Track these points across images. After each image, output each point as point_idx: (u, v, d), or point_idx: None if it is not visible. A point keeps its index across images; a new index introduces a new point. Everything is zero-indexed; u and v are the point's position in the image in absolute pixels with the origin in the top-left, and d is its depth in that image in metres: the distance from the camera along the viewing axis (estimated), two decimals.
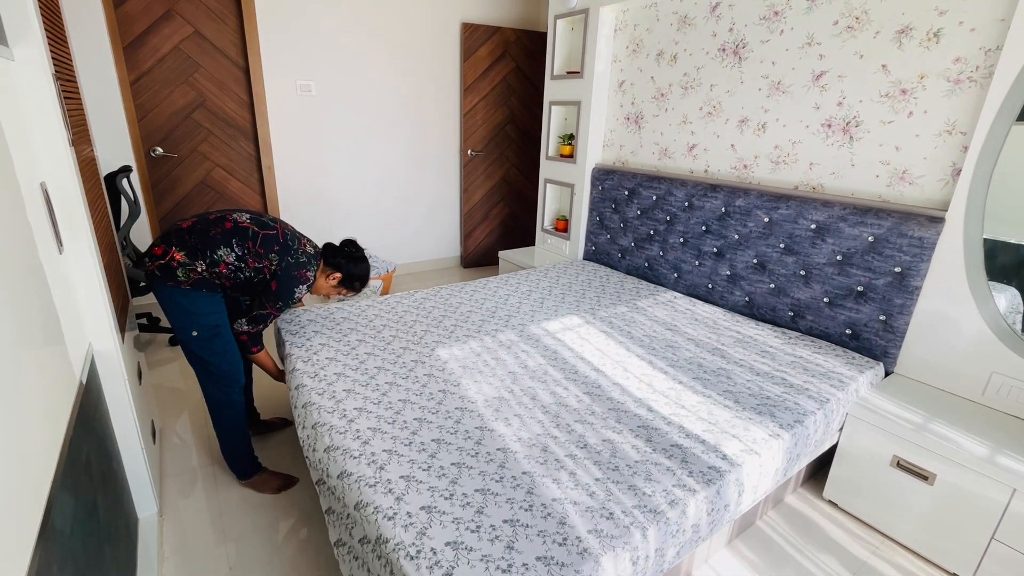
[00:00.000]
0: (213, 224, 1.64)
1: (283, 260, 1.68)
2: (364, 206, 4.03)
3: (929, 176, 1.87)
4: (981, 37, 1.68)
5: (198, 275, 1.60)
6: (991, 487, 1.47)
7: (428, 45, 3.93)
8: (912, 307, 1.89)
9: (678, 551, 1.25)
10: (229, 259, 1.62)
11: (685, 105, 2.68)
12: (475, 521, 1.13)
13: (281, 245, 1.68)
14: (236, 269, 1.65)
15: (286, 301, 1.73)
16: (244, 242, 1.64)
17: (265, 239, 1.66)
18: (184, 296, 1.62)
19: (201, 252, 1.60)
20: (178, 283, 1.59)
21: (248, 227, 1.65)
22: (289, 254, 1.69)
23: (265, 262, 1.66)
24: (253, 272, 1.67)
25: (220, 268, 1.62)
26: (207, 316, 1.67)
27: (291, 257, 1.69)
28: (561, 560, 1.04)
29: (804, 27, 2.13)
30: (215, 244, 1.61)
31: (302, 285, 1.73)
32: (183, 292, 1.61)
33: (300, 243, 1.75)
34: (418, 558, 1.03)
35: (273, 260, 1.67)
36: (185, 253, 1.59)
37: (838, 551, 1.69)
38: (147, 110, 3.13)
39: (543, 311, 2.38)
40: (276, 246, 1.67)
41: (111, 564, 1.20)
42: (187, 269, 1.59)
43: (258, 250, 1.65)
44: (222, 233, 1.63)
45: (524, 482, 1.26)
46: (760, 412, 1.61)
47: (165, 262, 1.58)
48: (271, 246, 1.67)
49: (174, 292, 1.61)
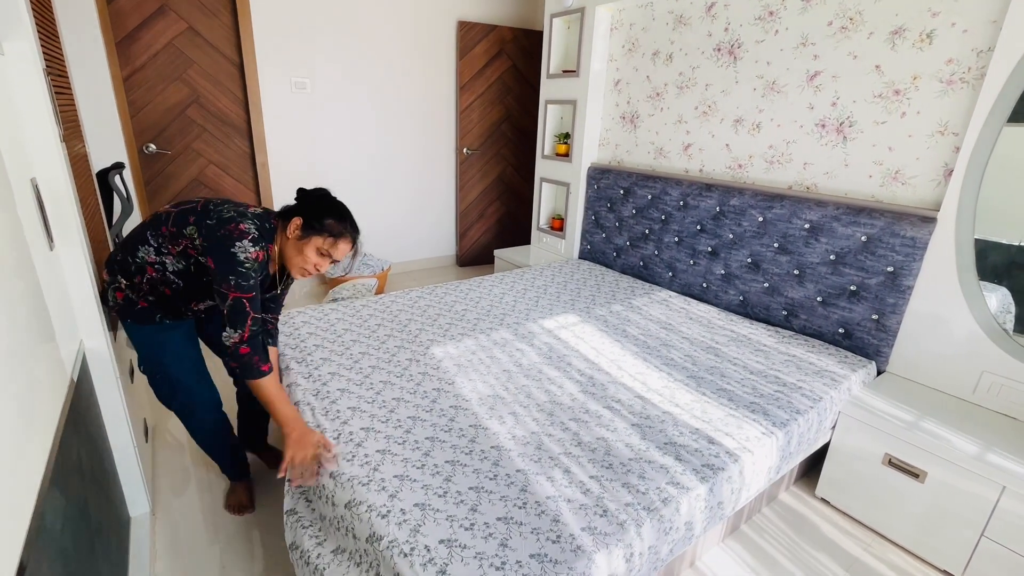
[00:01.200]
0: (136, 227, 1.42)
1: (202, 226, 1.31)
2: (359, 204, 4.02)
3: (921, 176, 1.88)
4: (973, 39, 1.69)
5: (122, 298, 1.40)
6: (981, 485, 1.49)
7: (424, 43, 3.92)
8: (904, 306, 1.90)
9: (671, 548, 1.26)
10: (150, 257, 1.36)
11: (680, 105, 2.68)
12: (469, 519, 1.13)
13: (198, 213, 1.35)
14: (162, 268, 1.37)
15: (236, 271, 1.27)
16: (157, 229, 1.36)
17: (179, 215, 1.36)
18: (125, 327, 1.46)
19: (121, 264, 1.38)
20: (111, 309, 1.43)
21: (164, 212, 1.38)
22: (208, 216, 1.33)
23: (183, 241, 1.33)
24: (180, 263, 1.36)
25: (148, 274, 1.37)
26: (146, 351, 1.49)
27: (210, 218, 1.32)
28: (555, 557, 1.04)
29: (799, 27, 2.14)
30: (132, 246, 1.37)
31: (241, 241, 1.28)
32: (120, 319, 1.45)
33: (231, 205, 1.38)
34: (411, 555, 1.03)
35: (191, 233, 1.33)
36: (108, 270, 1.40)
37: (831, 548, 1.70)
38: (140, 106, 3.10)
39: (538, 310, 2.38)
40: (191, 216, 1.34)
41: (102, 562, 1.19)
42: (112, 290, 1.40)
43: (171, 229, 1.34)
44: (139, 229, 1.39)
45: (518, 480, 1.26)
46: (754, 410, 1.62)
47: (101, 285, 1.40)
48: (185, 219, 1.34)
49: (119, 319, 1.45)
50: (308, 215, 1.38)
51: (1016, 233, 1.72)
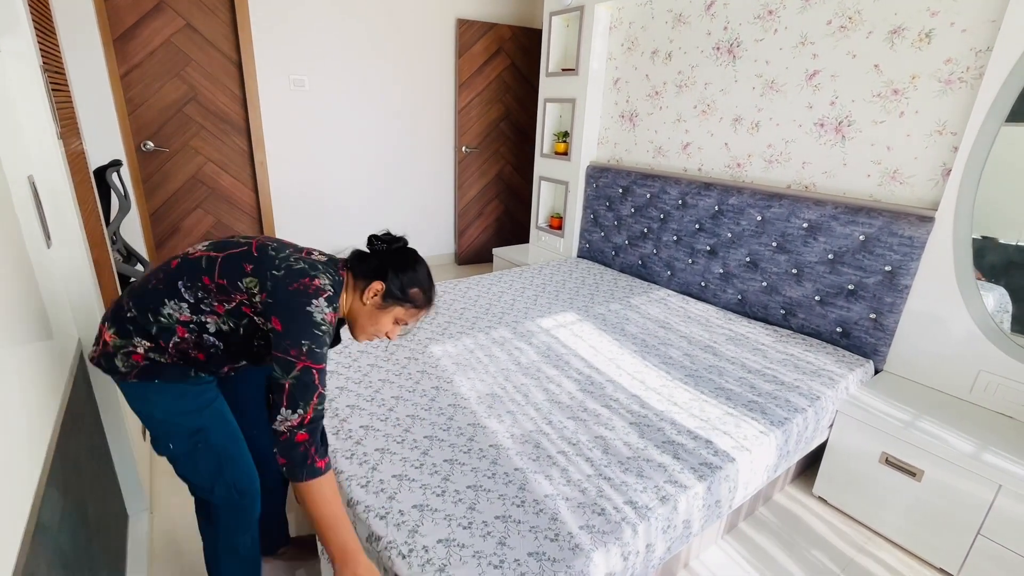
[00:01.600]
0: (156, 272, 1.09)
1: (265, 277, 1.04)
2: (358, 202, 4.02)
3: (919, 176, 1.88)
4: (972, 38, 1.70)
5: (142, 360, 1.06)
6: (977, 484, 1.49)
7: (423, 41, 3.91)
8: (902, 306, 1.90)
9: (669, 547, 1.26)
10: (183, 315, 1.05)
11: (679, 103, 2.68)
12: (467, 518, 1.13)
13: (256, 259, 1.06)
14: (199, 329, 1.06)
15: (311, 334, 1.01)
16: (197, 280, 1.04)
17: (228, 261, 1.05)
18: (136, 394, 1.10)
19: (138, 323, 1.05)
20: (122, 376, 1.08)
21: (201, 256, 1.07)
22: (272, 265, 1.05)
23: (238, 295, 1.04)
24: (227, 324, 1.07)
25: (177, 336, 1.05)
26: (180, 418, 1.12)
27: (276, 269, 1.05)
28: (553, 556, 1.05)
29: (798, 26, 2.14)
30: (156, 301, 1.05)
31: (317, 299, 1.03)
32: (132, 388, 1.10)
33: (291, 249, 1.12)
34: (410, 556, 1.03)
35: (250, 285, 1.04)
36: (116, 329, 1.06)
37: (827, 547, 1.71)
38: (137, 104, 3.09)
39: (537, 308, 2.38)
40: (247, 264, 1.05)
41: (100, 561, 1.19)
42: (125, 354, 1.06)
43: (219, 281, 1.04)
44: (165, 279, 1.06)
45: (516, 478, 1.26)
46: (751, 409, 1.62)
47: (100, 347, 1.09)
48: (238, 267, 1.05)
49: (125, 388, 1.11)
50: (391, 281, 1.14)
51: (1014, 232, 1.73)
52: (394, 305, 1.16)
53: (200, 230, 3.49)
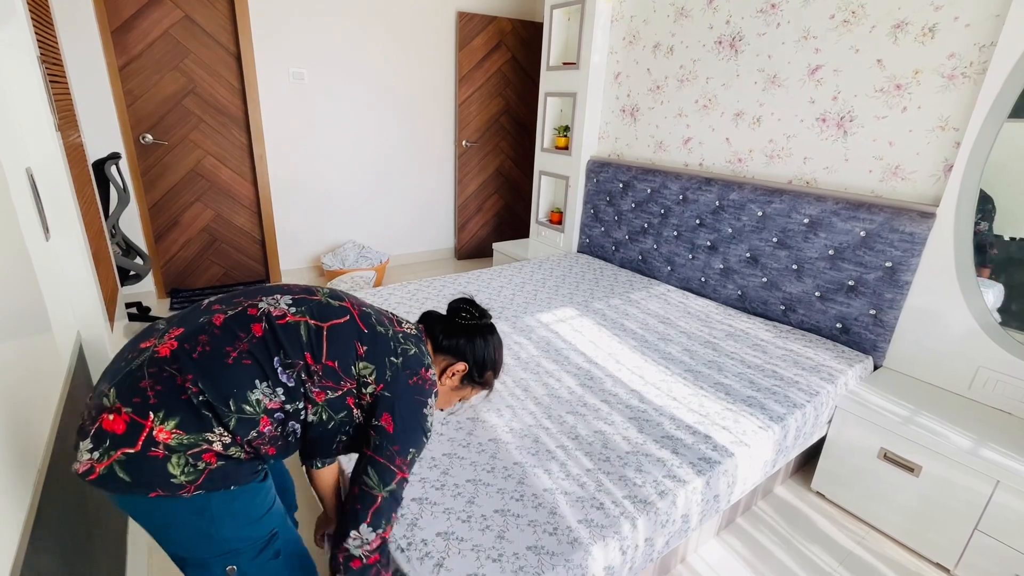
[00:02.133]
0: (225, 332, 0.82)
1: (384, 365, 0.89)
2: (357, 196, 4.00)
3: (921, 172, 1.88)
4: (976, 33, 1.68)
5: (216, 460, 0.79)
6: (975, 479, 1.50)
7: (423, 34, 3.88)
8: (902, 302, 1.90)
9: (667, 541, 1.26)
10: (274, 402, 0.82)
11: (681, 98, 2.67)
12: (466, 511, 1.14)
13: (368, 337, 0.90)
14: (285, 420, 0.85)
15: (420, 441, 0.91)
16: (298, 356, 0.84)
17: (336, 337, 0.87)
18: (189, 513, 0.81)
19: (215, 410, 0.78)
20: (174, 491, 0.77)
21: (296, 322, 0.85)
22: (389, 348, 0.91)
23: (347, 382, 0.87)
24: (324, 414, 0.88)
25: (257, 430, 0.82)
26: (249, 529, 0.87)
27: (395, 355, 0.91)
28: (551, 549, 1.05)
29: (801, 20, 2.12)
30: (243, 383, 0.80)
31: (432, 398, 0.94)
32: (183, 505, 0.80)
33: (388, 321, 0.97)
34: (409, 550, 1.03)
35: (364, 372, 0.88)
36: (179, 421, 0.76)
37: (825, 541, 1.72)
38: (136, 96, 3.08)
39: (537, 303, 2.38)
40: (360, 343, 0.89)
41: (100, 553, 1.20)
42: (189, 456, 0.77)
43: (328, 363, 0.85)
44: (252, 351, 0.82)
45: (515, 472, 1.26)
46: (751, 404, 1.62)
47: (135, 450, 0.74)
48: (350, 346, 0.88)
49: (165, 507, 0.80)
50: (473, 362, 1.02)
51: (1014, 228, 1.72)
52: (468, 387, 1.06)
53: (200, 223, 3.48)
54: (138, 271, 2.68)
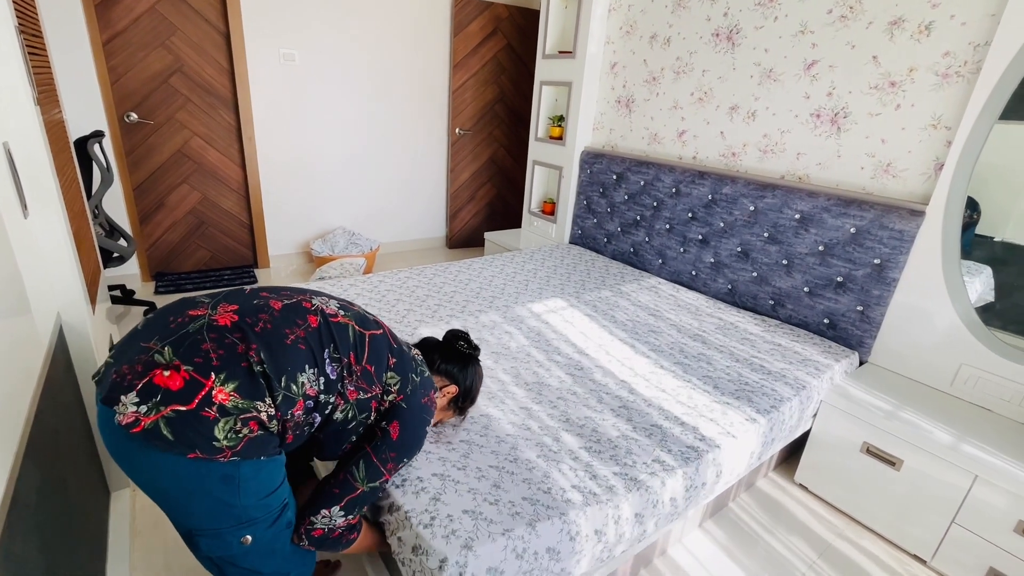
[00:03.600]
0: (286, 316, 0.90)
1: (407, 380, 1.01)
2: (348, 182, 3.95)
3: (912, 170, 1.89)
4: (971, 32, 1.69)
5: (258, 429, 0.83)
6: (954, 473, 1.53)
7: (418, 18, 3.82)
8: (889, 298, 1.92)
9: (656, 522, 1.27)
10: (312, 389, 0.89)
11: (676, 90, 2.65)
12: (462, 462, 1.19)
13: (397, 353, 1.03)
14: (313, 409, 0.91)
15: (413, 452, 1.04)
16: (344, 354, 0.93)
17: (375, 345, 0.98)
18: (220, 478, 0.82)
19: (271, 380, 0.84)
20: (212, 454, 0.80)
21: (345, 324, 0.96)
22: (412, 367, 1.04)
23: (376, 387, 0.98)
24: (349, 412, 0.96)
25: (291, 412, 0.87)
26: (269, 498, 0.90)
27: (416, 373, 1.04)
28: (547, 504, 1.10)
29: (798, 14, 2.11)
30: (297, 364, 0.87)
31: (431, 417, 1.08)
32: (217, 469, 0.82)
33: (410, 347, 1.12)
34: (404, 486, 1.08)
35: (391, 382, 1.00)
36: (238, 385, 0.81)
37: (806, 533, 1.75)
38: (120, 73, 2.99)
39: (528, 293, 2.37)
40: (391, 356, 1.01)
41: (80, 538, 1.18)
42: (239, 421, 0.81)
43: (366, 366, 0.95)
44: (309, 339, 0.90)
45: (508, 442, 1.30)
46: (738, 397, 1.64)
47: (189, 407, 0.77)
48: (384, 356, 0.99)
49: (197, 470, 0.81)
50: (462, 387, 1.19)
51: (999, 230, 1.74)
52: (452, 409, 1.23)
53: (186, 206, 3.42)
54: (122, 253, 2.63)
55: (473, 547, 0.97)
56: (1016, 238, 1.71)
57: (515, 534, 1.02)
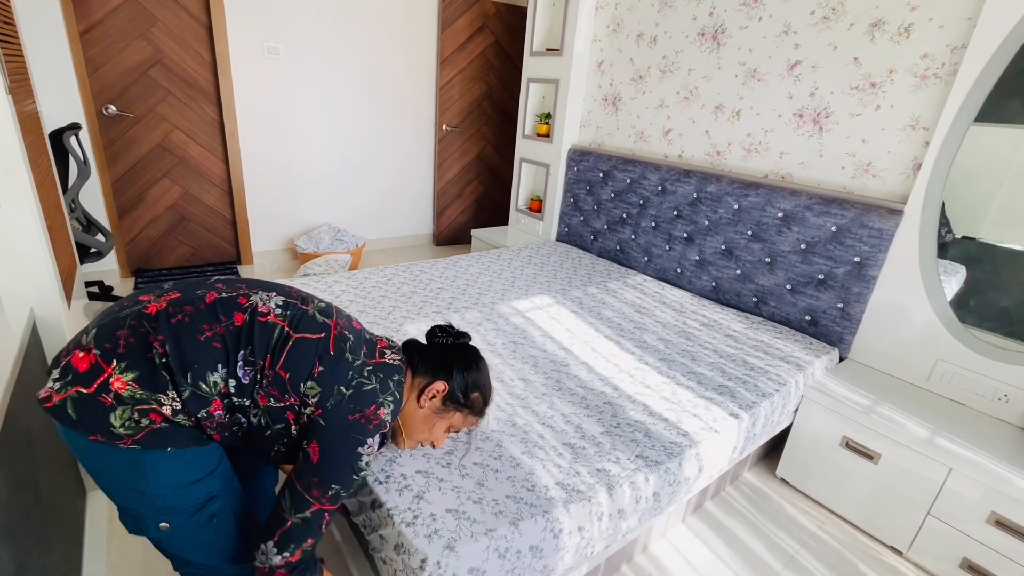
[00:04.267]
0: (210, 310, 0.85)
1: (330, 392, 0.89)
2: (333, 178, 3.91)
3: (891, 170, 1.92)
4: (948, 35, 1.72)
5: (161, 422, 0.82)
6: (930, 466, 1.56)
7: (405, 12, 3.79)
8: (868, 296, 1.96)
9: (639, 518, 1.28)
10: (224, 387, 0.85)
11: (663, 89, 2.67)
12: (446, 459, 1.18)
13: (330, 361, 0.90)
14: (232, 410, 0.87)
15: (345, 479, 0.89)
16: (261, 356, 0.86)
17: (298, 350, 0.88)
18: (123, 463, 0.83)
19: (174, 376, 0.81)
20: (109, 438, 0.79)
21: (273, 324, 0.88)
22: (343, 378, 0.90)
23: (291, 398, 0.88)
24: (264, 419, 0.89)
25: (206, 411, 0.84)
26: (184, 490, 0.87)
27: (347, 385, 0.90)
28: (530, 502, 1.10)
29: (782, 15, 2.14)
30: (206, 362, 0.83)
31: (372, 437, 0.91)
32: (118, 455, 0.81)
33: (366, 350, 0.97)
34: (387, 483, 1.08)
35: (309, 392, 0.88)
36: (138, 375, 0.79)
37: (788, 525, 1.77)
38: (98, 64, 2.92)
39: (514, 290, 2.37)
40: (318, 363, 0.89)
41: (55, 539, 1.15)
42: (135, 411, 0.79)
43: (280, 372, 0.86)
44: (225, 336, 0.85)
45: (493, 438, 1.30)
46: (721, 393, 1.65)
47: (88, 391, 0.77)
48: (307, 362, 0.88)
49: (102, 453, 0.82)
50: (454, 381, 1.04)
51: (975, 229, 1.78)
52: (452, 410, 1.06)
53: (167, 201, 3.35)
54: (99, 248, 2.57)
55: (455, 547, 0.97)
56: (990, 238, 1.75)
57: (498, 533, 1.02)
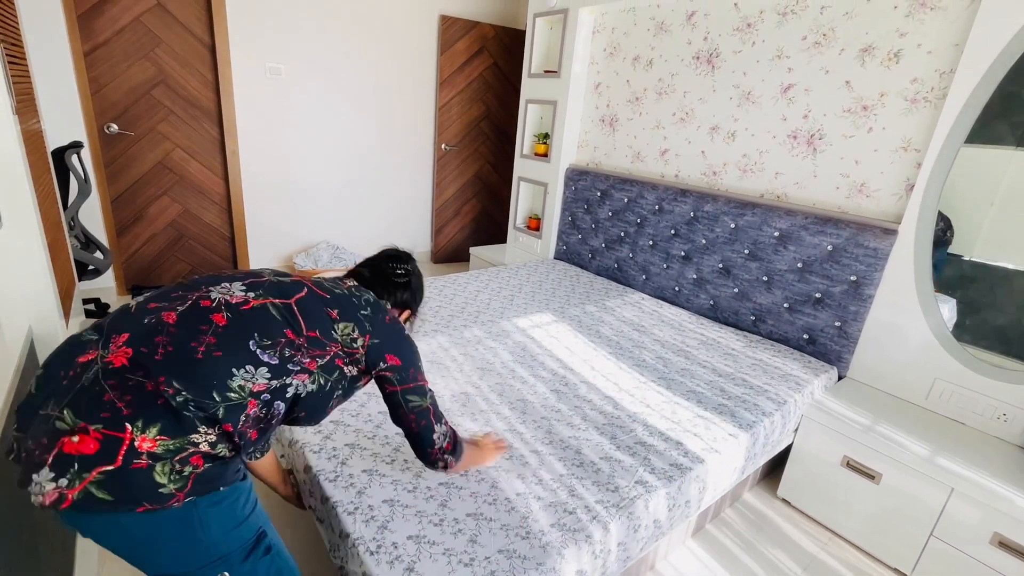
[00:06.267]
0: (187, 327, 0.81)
1: (360, 320, 0.96)
2: (333, 197, 3.93)
3: (885, 190, 1.96)
4: (937, 60, 1.77)
5: (203, 462, 0.77)
6: (931, 487, 1.55)
7: (405, 35, 3.86)
8: (865, 314, 1.97)
9: (641, 546, 1.27)
10: (258, 384, 0.82)
11: (659, 110, 2.72)
12: (438, 515, 1.12)
13: (334, 302, 0.96)
14: (270, 400, 0.85)
15: (418, 356, 1.07)
16: (277, 335, 0.86)
17: (307, 310, 0.91)
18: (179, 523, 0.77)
19: (200, 406, 0.76)
20: (162, 502, 0.73)
21: (260, 305, 0.88)
22: (355, 305, 0.98)
23: (333, 346, 0.92)
24: (316, 382, 0.91)
25: (245, 414, 0.81)
26: (239, 530, 0.84)
27: (362, 308, 0.99)
28: (523, 553, 1.04)
29: (775, 40, 2.19)
30: (222, 373, 0.80)
31: (403, 327, 1.07)
32: (172, 515, 0.76)
33: (342, 283, 1.04)
34: (378, 553, 1.01)
35: (346, 332, 0.94)
36: (162, 426, 0.73)
37: (790, 547, 1.75)
38: (102, 84, 2.96)
39: (513, 308, 2.37)
40: (330, 309, 0.94)
41: (46, 565, 1.13)
42: (176, 463, 0.74)
43: (310, 334, 0.89)
44: (223, 342, 0.81)
45: (488, 476, 1.25)
46: (721, 412, 1.65)
47: (116, 466, 0.70)
48: (322, 314, 0.93)
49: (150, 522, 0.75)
50: (415, 307, 1.17)
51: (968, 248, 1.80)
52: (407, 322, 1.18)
53: (166, 218, 3.36)
54: (97, 265, 2.57)
55: None
56: (984, 257, 1.78)
57: None
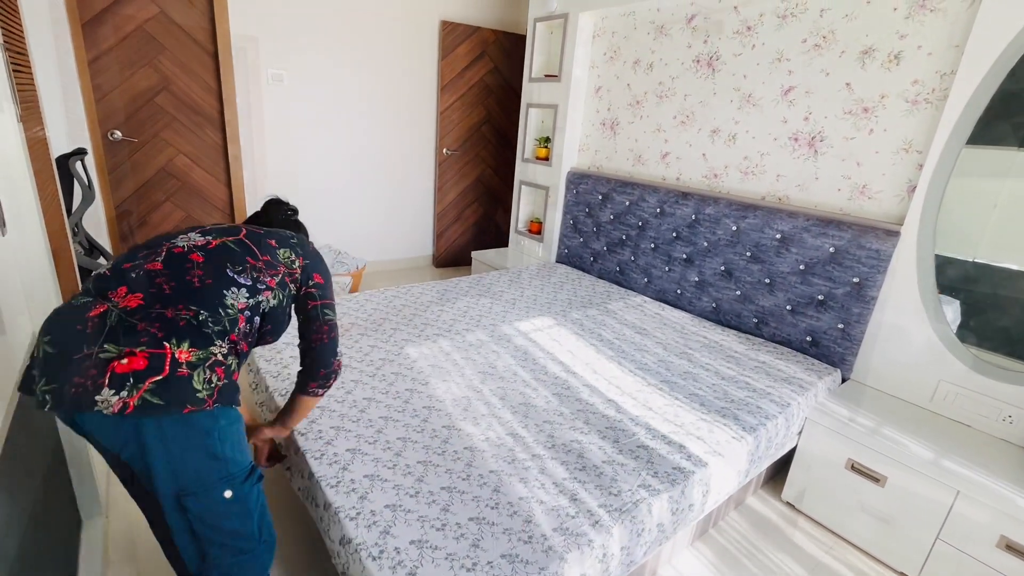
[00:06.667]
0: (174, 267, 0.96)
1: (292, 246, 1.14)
2: (334, 201, 3.95)
3: (887, 192, 1.95)
4: (937, 61, 1.77)
5: (223, 374, 0.93)
6: (937, 489, 1.54)
7: (406, 41, 3.88)
8: (868, 316, 1.96)
9: (645, 550, 1.26)
10: (241, 302, 0.99)
11: (660, 113, 2.72)
12: (440, 519, 1.12)
13: (265, 235, 1.12)
14: (253, 312, 1.02)
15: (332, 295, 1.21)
16: (243, 262, 1.03)
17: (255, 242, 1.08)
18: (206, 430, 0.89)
19: (215, 322, 0.94)
20: (200, 404, 0.87)
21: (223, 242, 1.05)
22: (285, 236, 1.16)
23: (281, 267, 1.09)
24: (275, 299, 1.06)
25: (239, 326, 0.99)
26: (242, 455, 0.96)
27: (291, 238, 1.17)
28: (526, 558, 1.04)
29: (775, 43, 2.20)
30: (218, 294, 0.97)
31: None
32: (205, 419, 0.89)
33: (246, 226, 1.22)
34: (381, 558, 1.00)
35: (287, 256, 1.11)
36: (191, 341, 0.89)
37: (794, 551, 1.74)
38: (105, 91, 2.98)
39: (515, 312, 2.37)
40: (269, 239, 1.11)
41: (50, 568, 1.13)
42: (205, 370, 0.89)
43: (264, 258, 1.06)
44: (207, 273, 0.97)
45: (491, 480, 1.25)
46: (724, 415, 1.64)
47: (164, 375, 0.84)
48: (265, 244, 1.09)
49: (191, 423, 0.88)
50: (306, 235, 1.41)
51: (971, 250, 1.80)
52: None
53: (169, 224, 3.37)
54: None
55: None
56: (987, 258, 1.77)
57: None
